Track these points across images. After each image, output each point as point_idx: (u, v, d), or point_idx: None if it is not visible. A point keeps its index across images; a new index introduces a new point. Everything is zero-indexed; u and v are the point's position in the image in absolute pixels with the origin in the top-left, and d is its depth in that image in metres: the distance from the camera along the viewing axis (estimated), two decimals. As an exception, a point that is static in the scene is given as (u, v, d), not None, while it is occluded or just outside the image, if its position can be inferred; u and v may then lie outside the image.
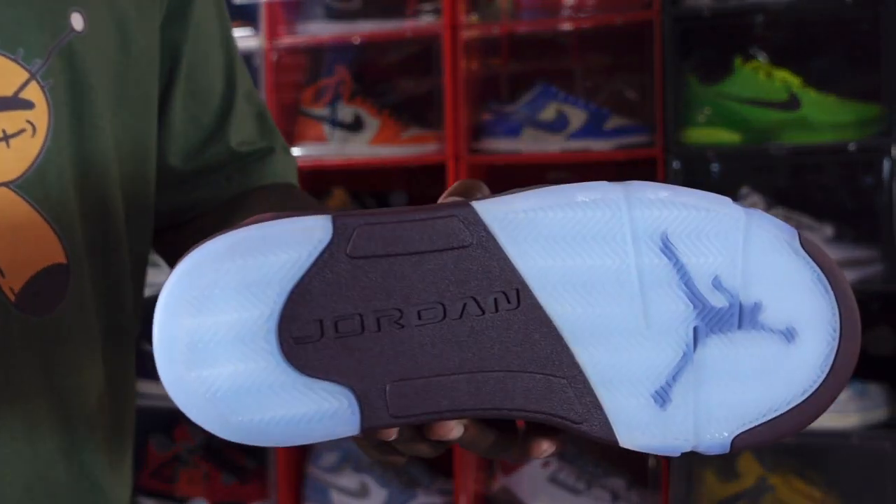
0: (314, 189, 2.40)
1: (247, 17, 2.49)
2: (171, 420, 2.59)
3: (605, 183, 0.55)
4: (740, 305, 0.55)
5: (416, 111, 2.46)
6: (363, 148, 2.42)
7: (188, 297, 0.51)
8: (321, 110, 2.45)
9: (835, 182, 2.30)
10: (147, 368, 0.85)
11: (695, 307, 0.55)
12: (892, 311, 2.18)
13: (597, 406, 0.54)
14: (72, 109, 0.72)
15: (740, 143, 2.15)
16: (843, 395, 2.06)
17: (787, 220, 2.14)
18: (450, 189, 0.59)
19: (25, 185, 0.70)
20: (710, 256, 0.55)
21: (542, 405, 0.54)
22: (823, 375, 0.57)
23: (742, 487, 2.10)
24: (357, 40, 2.44)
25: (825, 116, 2.11)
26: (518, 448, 0.57)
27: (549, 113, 2.30)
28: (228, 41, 0.88)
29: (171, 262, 0.87)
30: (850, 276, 2.09)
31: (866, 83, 2.16)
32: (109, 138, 0.76)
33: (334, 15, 2.46)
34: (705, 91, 2.17)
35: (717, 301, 0.55)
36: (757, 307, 0.55)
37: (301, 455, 2.47)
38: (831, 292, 0.56)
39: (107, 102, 0.75)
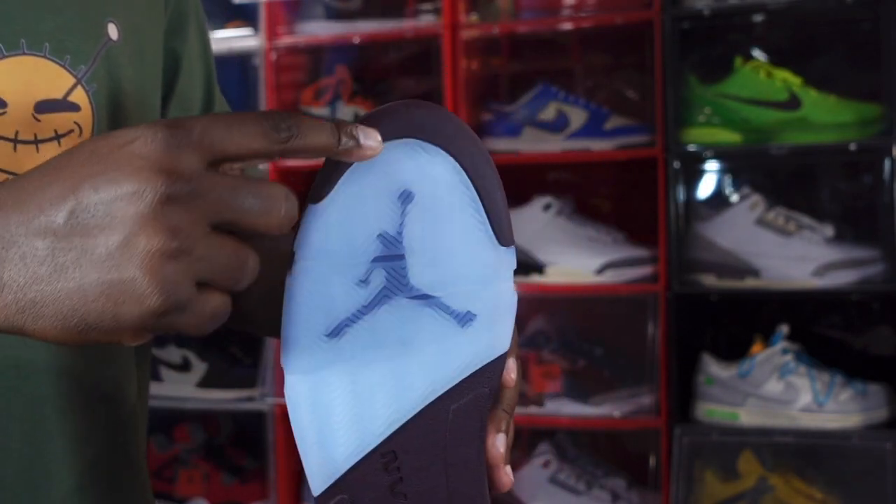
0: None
1: (247, 17, 2.49)
2: (171, 420, 2.59)
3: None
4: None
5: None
6: (363, 148, 2.41)
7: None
8: (321, 110, 2.45)
9: (835, 182, 2.30)
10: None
11: None
12: (893, 311, 2.18)
13: None
14: (109, 113, 0.77)
15: (740, 143, 2.15)
16: (844, 395, 2.06)
17: (787, 219, 2.15)
18: None
19: None
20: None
21: None
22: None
23: (742, 488, 2.10)
24: (357, 40, 2.43)
25: (826, 116, 2.11)
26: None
27: (549, 113, 2.30)
28: (207, 52, 0.93)
29: None
30: (850, 276, 2.09)
31: (867, 83, 2.16)
32: None
33: (334, 15, 2.46)
34: (705, 91, 2.17)
35: None
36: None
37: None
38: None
39: (137, 106, 0.80)
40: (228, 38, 2.46)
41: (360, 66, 2.55)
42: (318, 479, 0.62)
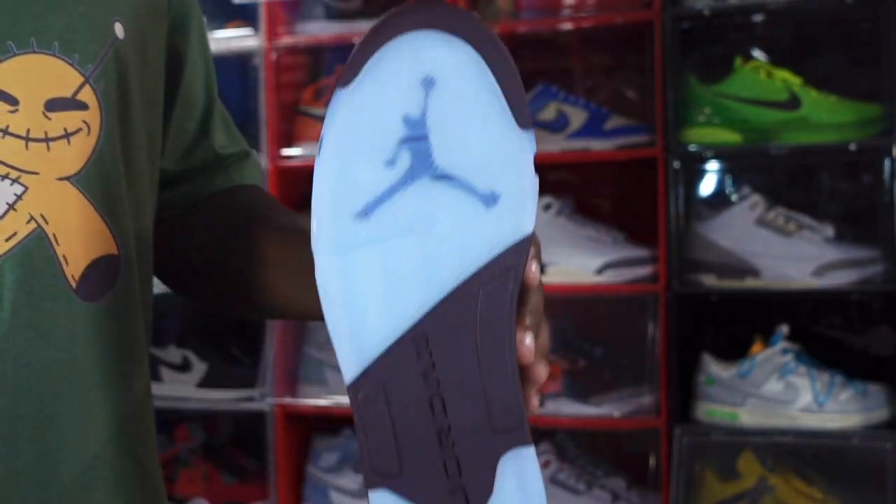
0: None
1: (247, 17, 2.49)
2: (171, 420, 2.59)
3: None
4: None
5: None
6: (363, 148, 2.41)
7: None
8: (321, 110, 2.45)
9: (835, 182, 2.30)
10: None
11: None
12: (893, 311, 2.18)
13: None
14: (118, 111, 0.78)
15: (740, 143, 2.15)
16: (844, 395, 2.06)
17: (787, 219, 2.15)
18: None
19: (83, 180, 0.76)
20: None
21: None
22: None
23: (742, 488, 2.10)
24: (357, 40, 2.43)
25: (826, 116, 2.11)
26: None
27: (549, 112, 2.30)
28: (207, 49, 0.95)
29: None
30: (850, 276, 2.09)
31: (867, 83, 2.16)
32: (143, 139, 0.82)
33: (334, 15, 2.46)
34: (705, 91, 2.17)
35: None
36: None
37: (301, 456, 2.47)
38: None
39: (142, 105, 0.82)
40: (228, 38, 2.46)
41: (360, 66, 2.55)
42: (351, 366, 0.62)
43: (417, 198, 0.62)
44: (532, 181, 0.64)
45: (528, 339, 0.65)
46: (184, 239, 0.92)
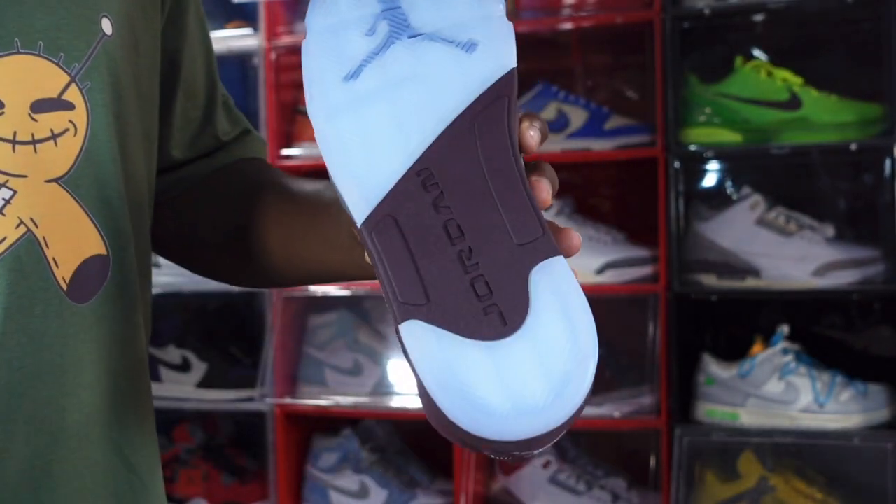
0: (314, 189, 2.40)
1: (246, 16, 2.49)
2: (171, 420, 2.59)
3: None
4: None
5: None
6: (363, 148, 2.41)
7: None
8: (321, 110, 2.44)
9: (836, 182, 2.29)
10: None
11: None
12: (893, 311, 2.18)
13: None
14: (110, 110, 0.78)
15: (741, 143, 2.15)
16: (845, 395, 2.06)
17: (787, 219, 2.15)
18: None
19: (71, 181, 0.75)
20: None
21: None
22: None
23: (743, 488, 2.10)
24: None
25: (826, 116, 2.11)
26: None
27: (549, 112, 2.30)
28: (207, 38, 0.95)
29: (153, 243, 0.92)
30: (850, 276, 2.09)
31: (868, 83, 2.16)
32: (139, 135, 0.82)
33: (334, 15, 2.45)
34: (705, 91, 2.17)
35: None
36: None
37: (301, 456, 2.47)
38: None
39: (133, 100, 0.81)
40: (228, 38, 2.46)
41: (360, 66, 2.55)
42: (360, 208, 0.65)
43: (400, 55, 0.67)
44: (507, 26, 0.69)
45: (531, 131, 0.67)
46: (190, 214, 0.92)
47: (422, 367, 0.62)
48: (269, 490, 2.46)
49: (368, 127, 0.66)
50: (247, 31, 2.47)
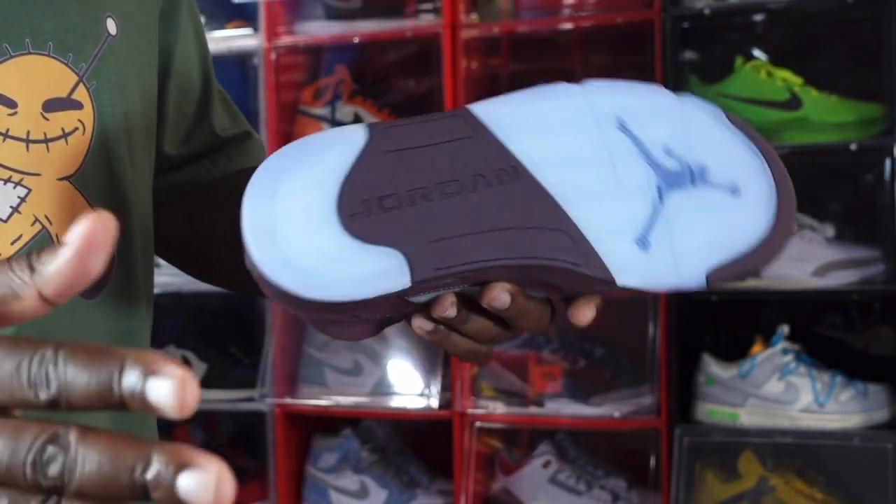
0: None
1: (246, 16, 2.49)
2: (171, 420, 2.58)
3: (566, 84, 0.70)
4: (689, 168, 0.68)
5: (416, 111, 2.46)
6: (363, 148, 2.41)
7: (268, 191, 0.66)
8: (321, 110, 2.45)
9: (835, 182, 2.29)
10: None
11: (654, 170, 0.68)
12: (893, 311, 2.18)
13: (592, 252, 0.67)
14: (115, 109, 0.78)
15: (741, 143, 2.15)
16: (845, 395, 2.06)
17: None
18: None
19: (80, 179, 0.76)
20: (659, 130, 0.68)
21: (547, 252, 0.66)
22: (772, 220, 0.68)
23: (743, 488, 2.10)
24: (357, 40, 2.43)
25: (826, 116, 2.11)
26: (562, 317, 0.71)
27: (549, 113, 2.30)
28: (200, 32, 0.95)
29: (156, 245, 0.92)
30: (850, 276, 2.09)
31: (868, 83, 2.16)
32: (143, 133, 0.83)
33: (334, 15, 2.45)
34: (705, 91, 2.17)
35: (672, 165, 0.68)
36: (704, 169, 0.68)
37: (301, 456, 2.47)
38: (761, 154, 0.69)
39: (137, 100, 0.82)
40: (228, 38, 2.46)
41: (360, 66, 2.55)
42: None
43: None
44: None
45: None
46: (190, 222, 0.93)
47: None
48: (269, 490, 2.45)
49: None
50: (247, 31, 2.47)
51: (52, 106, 0.75)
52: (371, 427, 2.46)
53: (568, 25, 2.36)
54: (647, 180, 0.67)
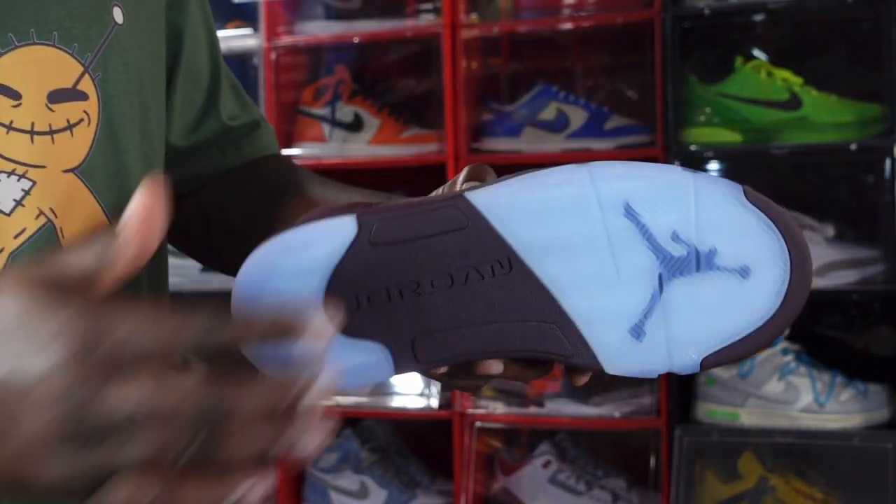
0: (314, 189, 2.40)
1: (246, 16, 2.49)
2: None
3: (571, 166, 0.67)
4: (697, 252, 0.66)
5: (416, 111, 2.46)
6: (363, 148, 2.41)
7: (254, 291, 0.65)
8: (321, 110, 2.45)
9: (836, 182, 2.29)
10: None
11: (657, 258, 0.66)
12: (893, 311, 2.18)
13: (583, 343, 0.66)
14: (120, 100, 0.77)
15: (741, 143, 2.15)
16: (845, 395, 2.06)
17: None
18: (461, 174, 0.71)
19: (85, 172, 0.75)
20: (667, 215, 0.66)
21: (537, 346, 0.66)
22: (779, 302, 0.66)
23: (743, 488, 2.10)
24: (357, 40, 2.43)
25: (826, 116, 2.11)
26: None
27: (549, 113, 2.30)
28: (209, 19, 0.94)
29: (170, 234, 0.91)
30: (850, 276, 2.09)
31: (867, 83, 2.16)
32: (152, 123, 0.82)
33: (334, 15, 2.46)
34: (706, 91, 2.17)
35: (677, 251, 0.66)
36: (712, 252, 0.66)
37: (301, 456, 2.47)
38: (778, 232, 0.67)
39: (147, 89, 0.81)
40: (228, 38, 2.46)
41: (360, 66, 2.55)
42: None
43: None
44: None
45: None
46: (203, 213, 0.92)
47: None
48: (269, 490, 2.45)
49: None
50: (247, 31, 2.47)
51: (57, 97, 0.74)
52: (371, 427, 2.46)
53: (568, 25, 2.36)
54: (649, 268, 0.65)
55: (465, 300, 0.65)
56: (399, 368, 0.66)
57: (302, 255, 0.65)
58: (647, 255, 0.65)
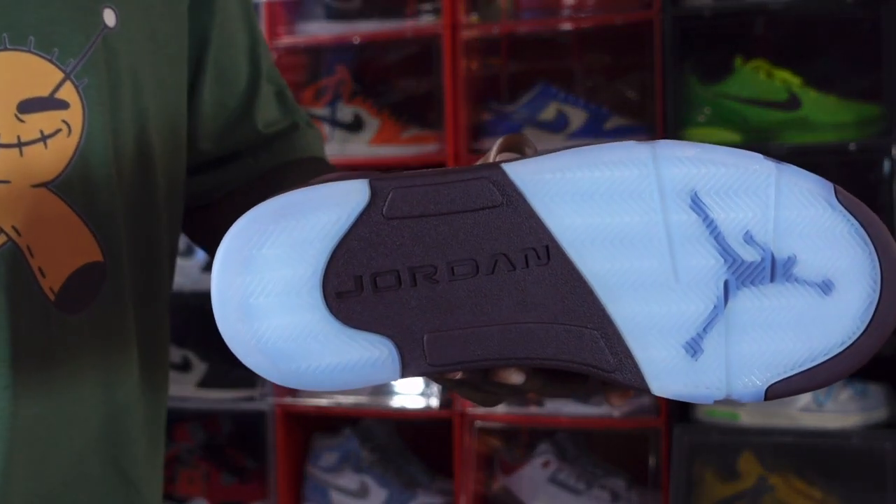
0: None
1: (247, 16, 2.49)
2: (171, 420, 2.58)
3: (632, 142, 0.56)
4: (773, 259, 0.56)
5: (416, 111, 2.46)
6: (363, 148, 2.42)
7: (240, 257, 0.55)
8: (321, 110, 2.45)
9: (835, 182, 2.29)
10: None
11: (725, 261, 0.56)
12: (893, 311, 2.18)
13: (628, 356, 0.56)
14: (108, 107, 0.73)
15: (741, 143, 2.15)
16: (844, 395, 2.06)
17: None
18: (497, 144, 0.62)
19: (62, 186, 0.71)
20: (741, 211, 0.56)
21: (573, 355, 0.56)
22: (864, 326, 0.58)
23: (742, 487, 2.10)
24: (357, 40, 2.43)
25: (826, 116, 2.11)
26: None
27: (549, 113, 2.30)
28: (251, 20, 0.89)
29: (200, 241, 0.89)
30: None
31: (867, 83, 2.16)
32: (150, 131, 0.77)
33: (334, 15, 2.46)
34: (705, 91, 2.17)
35: (749, 255, 0.56)
36: (791, 261, 0.56)
37: (301, 455, 2.47)
38: (870, 244, 0.57)
39: (145, 95, 0.76)
40: (228, 38, 2.46)
41: (360, 66, 2.55)
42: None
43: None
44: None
45: None
46: (230, 223, 0.89)
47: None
48: (270, 490, 2.46)
49: None
50: (247, 31, 2.47)
51: (28, 107, 0.69)
52: (371, 427, 2.46)
53: (568, 26, 2.37)
54: (713, 273, 0.56)
55: (490, 293, 0.55)
56: (406, 369, 0.56)
57: (301, 222, 0.55)
58: (713, 258, 0.56)
